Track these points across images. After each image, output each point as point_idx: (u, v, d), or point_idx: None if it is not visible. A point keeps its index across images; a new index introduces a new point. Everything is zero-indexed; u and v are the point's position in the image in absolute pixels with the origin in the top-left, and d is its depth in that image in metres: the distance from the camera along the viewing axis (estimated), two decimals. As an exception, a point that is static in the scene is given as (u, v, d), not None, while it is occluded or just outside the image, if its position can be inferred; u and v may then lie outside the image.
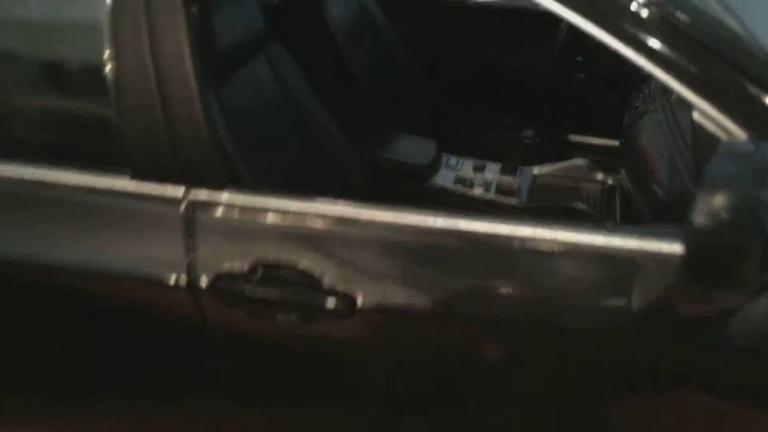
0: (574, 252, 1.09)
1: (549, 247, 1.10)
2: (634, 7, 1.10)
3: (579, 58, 2.10)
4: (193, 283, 1.24)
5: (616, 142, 2.38)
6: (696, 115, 1.04)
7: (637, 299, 1.06)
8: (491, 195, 1.95)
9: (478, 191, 1.96)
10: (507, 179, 2.01)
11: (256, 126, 1.63)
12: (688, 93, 1.03)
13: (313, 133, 1.82)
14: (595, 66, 2.08)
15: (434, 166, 1.99)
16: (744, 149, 0.93)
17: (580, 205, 1.86)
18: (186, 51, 1.20)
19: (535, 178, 2.04)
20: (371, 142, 2.03)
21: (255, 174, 1.49)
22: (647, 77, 1.89)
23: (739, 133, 0.99)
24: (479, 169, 2.05)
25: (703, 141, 1.04)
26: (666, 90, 1.69)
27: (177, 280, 1.24)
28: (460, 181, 2.00)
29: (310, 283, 1.19)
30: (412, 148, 2.02)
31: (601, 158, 2.33)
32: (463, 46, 2.64)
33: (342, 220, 1.20)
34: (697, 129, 1.04)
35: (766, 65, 1.15)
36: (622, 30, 1.07)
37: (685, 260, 0.90)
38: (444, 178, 2.00)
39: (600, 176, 2.03)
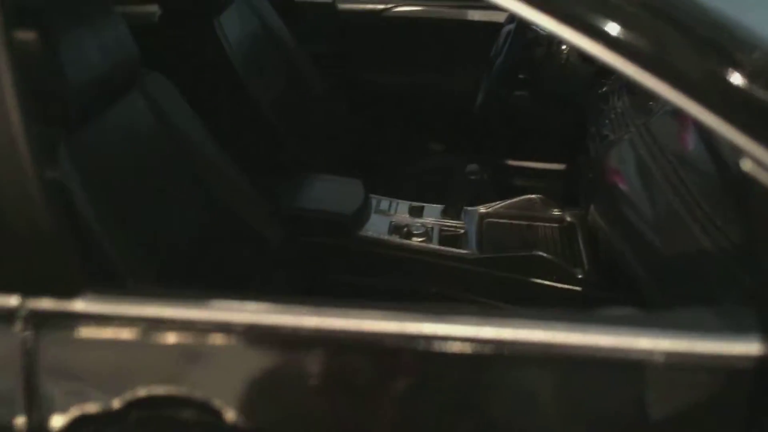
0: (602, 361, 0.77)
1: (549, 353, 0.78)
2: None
3: (522, 75, 1.81)
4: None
5: (563, 166, 2.12)
6: (748, 166, 0.73)
7: None
8: (434, 244, 1.62)
9: (418, 240, 1.62)
10: (451, 224, 1.68)
11: (131, 184, 1.25)
12: (738, 136, 0.72)
13: (211, 183, 1.44)
14: (541, 83, 1.80)
15: (363, 213, 1.64)
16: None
17: (541, 253, 1.55)
18: (10, 99, 0.81)
19: (482, 218, 1.73)
20: (284, 189, 1.66)
21: (131, 255, 1.11)
22: (606, 96, 1.62)
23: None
24: (416, 212, 1.72)
25: (762, 201, 0.73)
26: (639, 113, 1.41)
27: (14, 429, 0.85)
28: (395, 229, 1.66)
29: (209, 421, 0.83)
30: (335, 193, 1.67)
31: (547, 184, 2.06)
32: (384, 64, 2.32)
33: (250, 330, 0.84)
34: (751, 185, 0.73)
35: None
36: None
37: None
38: (376, 227, 1.65)
39: (556, 213, 1.74)
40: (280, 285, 1.41)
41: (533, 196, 1.75)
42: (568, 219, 1.72)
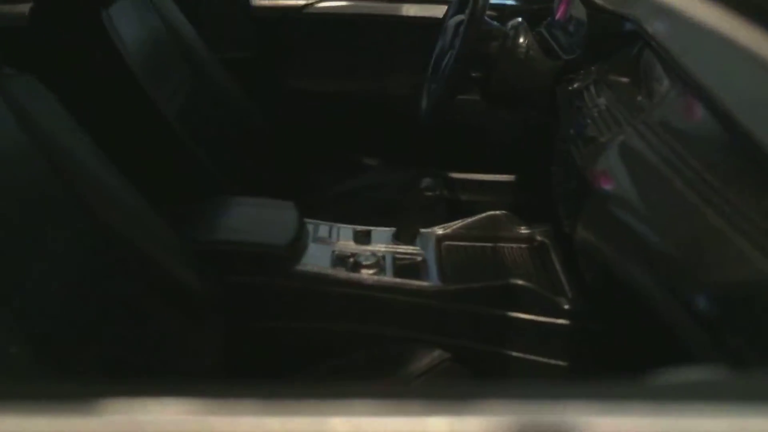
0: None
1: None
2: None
3: (475, 74, 1.56)
4: None
5: (523, 177, 1.90)
6: None
7: None
8: (389, 277, 1.33)
9: (368, 273, 1.33)
10: (405, 250, 1.41)
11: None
12: None
13: (103, 213, 1.10)
14: (497, 82, 1.55)
15: (299, 242, 1.34)
16: None
17: (520, 281, 1.29)
18: None
19: (439, 242, 1.46)
20: (199, 218, 1.34)
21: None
22: (580, 92, 1.39)
23: None
24: (363, 237, 1.43)
25: None
26: (632, 109, 1.19)
27: None
28: (340, 260, 1.36)
29: None
30: (263, 220, 1.37)
31: (506, 198, 1.84)
32: (308, 68, 2.03)
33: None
34: None
35: None
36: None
37: None
38: (316, 259, 1.35)
39: (524, 231, 1.50)
40: (203, 345, 1.09)
41: (496, 212, 1.50)
42: (538, 238, 1.48)
